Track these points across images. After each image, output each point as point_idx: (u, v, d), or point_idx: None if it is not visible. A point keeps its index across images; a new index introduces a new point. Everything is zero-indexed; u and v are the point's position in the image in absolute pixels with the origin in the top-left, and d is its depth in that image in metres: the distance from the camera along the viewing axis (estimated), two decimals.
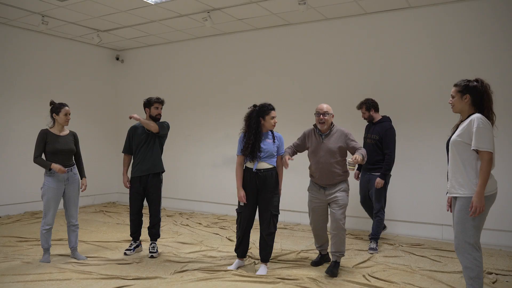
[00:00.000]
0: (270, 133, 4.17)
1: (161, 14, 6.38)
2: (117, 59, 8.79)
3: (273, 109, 4.12)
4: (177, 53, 8.04)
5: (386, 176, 4.99)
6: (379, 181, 4.95)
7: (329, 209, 4.21)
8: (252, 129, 4.04)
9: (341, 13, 6.17)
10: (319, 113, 4.12)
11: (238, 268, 4.22)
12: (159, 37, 7.73)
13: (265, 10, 6.12)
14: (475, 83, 3.03)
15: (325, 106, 4.14)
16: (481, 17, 5.39)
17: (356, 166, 3.79)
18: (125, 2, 5.88)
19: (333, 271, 4.00)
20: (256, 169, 4.07)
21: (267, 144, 4.09)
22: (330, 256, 4.22)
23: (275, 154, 4.15)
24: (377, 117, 5.21)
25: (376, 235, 5.05)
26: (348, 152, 4.17)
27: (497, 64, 5.27)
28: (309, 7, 5.83)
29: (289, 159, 4.14)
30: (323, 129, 4.15)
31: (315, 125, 4.28)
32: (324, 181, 4.12)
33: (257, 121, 4.07)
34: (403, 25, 5.89)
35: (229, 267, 4.21)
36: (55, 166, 4.22)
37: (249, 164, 4.12)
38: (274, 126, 4.14)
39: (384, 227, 5.46)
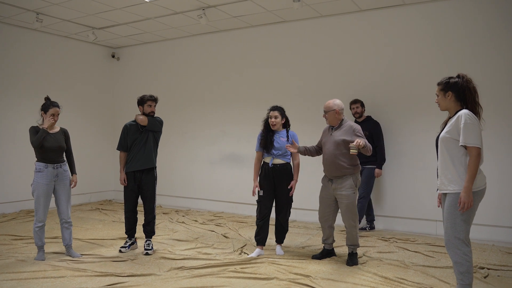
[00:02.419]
0: (285, 131, 4.62)
1: (156, 11, 6.37)
2: (113, 56, 8.78)
3: (271, 109, 4.64)
4: (173, 51, 8.03)
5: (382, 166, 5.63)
6: (379, 172, 5.61)
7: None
8: (264, 127, 4.65)
9: (336, 11, 6.18)
10: (324, 111, 4.36)
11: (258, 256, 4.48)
12: (155, 35, 7.72)
13: (260, 8, 6.12)
14: (456, 79, 3.04)
15: (329, 103, 4.33)
16: (476, 13, 5.40)
17: (357, 150, 3.94)
18: None
19: (351, 261, 4.27)
20: (272, 164, 4.54)
21: (281, 142, 4.54)
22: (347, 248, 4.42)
23: (289, 151, 4.57)
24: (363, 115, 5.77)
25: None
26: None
27: (491, 62, 5.29)
28: (304, 4, 5.83)
29: (291, 146, 4.45)
30: (330, 124, 4.39)
31: None
32: (330, 172, 4.32)
33: (266, 121, 4.67)
34: (397, 22, 5.89)
35: (250, 255, 4.52)
36: (45, 122, 4.28)
37: (266, 159, 4.60)
38: (274, 125, 4.56)
39: (372, 228, 5.87)
